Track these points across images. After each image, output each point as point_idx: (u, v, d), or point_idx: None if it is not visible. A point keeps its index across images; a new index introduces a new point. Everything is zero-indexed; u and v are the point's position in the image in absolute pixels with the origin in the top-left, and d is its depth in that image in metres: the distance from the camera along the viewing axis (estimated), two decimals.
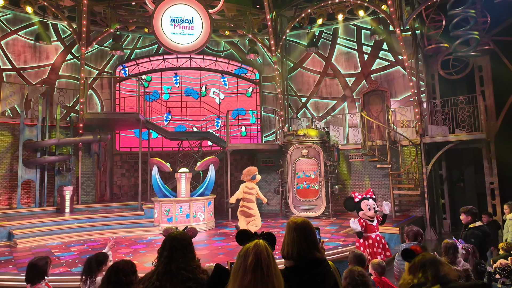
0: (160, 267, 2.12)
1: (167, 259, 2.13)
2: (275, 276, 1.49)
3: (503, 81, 10.37)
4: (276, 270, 1.52)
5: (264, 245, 1.56)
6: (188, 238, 2.26)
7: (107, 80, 13.79)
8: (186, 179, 9.74)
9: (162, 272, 2.09)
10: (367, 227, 5.33)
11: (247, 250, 1.53)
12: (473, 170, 11.12)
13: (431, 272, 2.04)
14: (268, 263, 1.49)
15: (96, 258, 3.35)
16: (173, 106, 14.64)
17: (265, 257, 1.50)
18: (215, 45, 14.86)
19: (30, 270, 3.31)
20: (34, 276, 3.29)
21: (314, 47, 13.30)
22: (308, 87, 14.25)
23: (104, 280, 2.47)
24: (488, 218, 6.96)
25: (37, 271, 3.30)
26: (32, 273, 3.30)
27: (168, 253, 2.15)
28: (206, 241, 8.11)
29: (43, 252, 7.15)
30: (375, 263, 3.68)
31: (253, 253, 1.50)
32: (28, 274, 3.31)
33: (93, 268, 3.27)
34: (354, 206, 5.53)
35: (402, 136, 10.82)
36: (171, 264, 2.10)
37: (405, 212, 10.72)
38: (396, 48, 12.19)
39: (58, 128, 11.46)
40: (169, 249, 2.16)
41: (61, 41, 12.97)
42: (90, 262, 3.30)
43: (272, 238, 1.70)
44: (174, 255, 2.13)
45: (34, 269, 3.30)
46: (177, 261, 2.11)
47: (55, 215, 10.07)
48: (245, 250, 1.54)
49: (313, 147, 11.02)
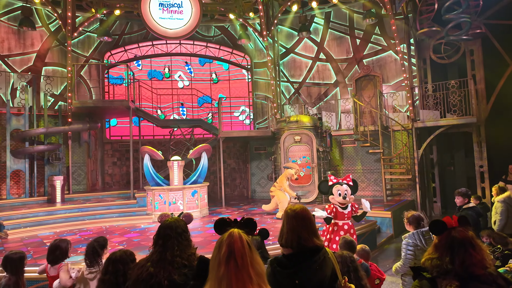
0: (155, 255, 2.10)
1: (161, 247, 2.11)
2: (251, 265, 1.46)
3: (494, 65, 10.41)
4: (253, 259, 1.49)
5: (239, 234, 1.52)
6: (183, 225, 2.23)
7: (95, 67, 13.48)
8: (178, 167, 9.67)
9: (157, 259, 2.07)
10: (337, 213, 5.09)
11: (221, 241, 1.52)
12: (464, 153, 11.28)
13: (459, 258, 1.70)
14: (242, 253, 1.46)
15: (97, 242, 3.40)
16: (164, 94, 14.42)
17: (239, 247, 1.47)
18: (205, 30, 14.58)
19: (53, 251, 3.52)
20: (56, 257, 3.51)
21: (306, 31, 13.13)
22: (301, 72, 14.14)
23: (102, 271, 2.46)
24: (476, 201, 7.09)
25: (60, 252, 3.52)
26: (55, 253, 3.51)
27: (163, 241, 2.12)
28: (200, 228, 8.13)
29: (35, 243, 7.08)
30: (359, 249, 3.66)
31: (225, 244, 1.48)
32: (51, 255, 3.52)
33: (97, 251, 3.33)
34: (328, 189, 5.30)
35: (394, 121, 10.86)
36: (165, 252, 2.08)
37: (396, 196, 10.87)
38: (388, 32, 12.10)
39: (46, 117, 11.22)
40: (163, 237, 2.14)
41: (46, 27, 12.56)
42: (93, 246, 3.35)
43: (252, 225, 1.68)
44: (168, 243, 2.11)
45: (57, 249, 3.52)
46: (172, 249, 2.09)
47: (46, 205, 9.96)
48: (220, 240, 1.53)
49: (305, 133, 11.01)
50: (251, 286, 1.44)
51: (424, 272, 1.78)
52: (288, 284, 1.86)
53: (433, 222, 1.85)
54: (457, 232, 1.78)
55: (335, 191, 5.16)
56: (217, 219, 1.72)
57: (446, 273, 1.70)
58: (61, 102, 12.29)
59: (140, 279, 2.01)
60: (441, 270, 1.72)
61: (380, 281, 3.42)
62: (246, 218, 1.70)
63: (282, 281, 1.87)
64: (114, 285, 2.37)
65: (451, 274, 1.70)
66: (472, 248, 1.72)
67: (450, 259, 1.71)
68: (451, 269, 1.70)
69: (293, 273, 1.88)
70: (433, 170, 11.44)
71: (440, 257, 1.76)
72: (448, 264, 1.71)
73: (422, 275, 1.78)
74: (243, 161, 14.25)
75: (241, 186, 14.42)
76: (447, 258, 1.72)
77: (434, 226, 1.84)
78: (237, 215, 9.52)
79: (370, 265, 3.54)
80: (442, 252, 1.76)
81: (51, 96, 12.21)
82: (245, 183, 14.13)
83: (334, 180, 5.32)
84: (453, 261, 1.70)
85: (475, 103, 9.91)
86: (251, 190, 13.35)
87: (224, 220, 1.69)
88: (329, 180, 5.34)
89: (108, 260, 2.50)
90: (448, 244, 1.76)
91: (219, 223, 1.68)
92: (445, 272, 1.71)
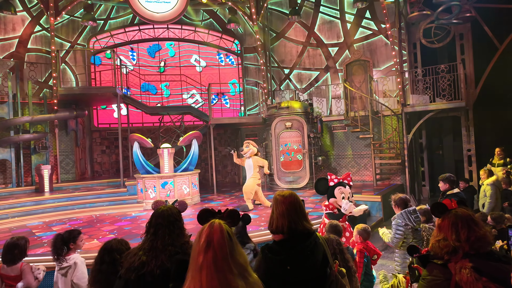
0: (147, 243, 2.08)
1: (153, 235, 2.09)
2: (231, 256, 1.45)
3: (483, 49, 10.45)
4: (234, 250, 1.48)
5: (219, 225, 1.51)
6: (176, 214, 2.20)
7: (81, 53, 13.11)
8: (168, 154, 9.58)
9: (148, 248, 2.05)
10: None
11: (201, 231, 1.52)
12: (452, 138, 11.43)
13: (463, 234, 1.76)
14: (222, 244, 1.45)
15: (61, 236, 3.27)
16: (152, 80, 14.16)
17: (218, 238, 1.46)
18: (193, 14, 14.23)
19: (10, 250, 3.22)
20: (16, 256, 3.23)
21: (297, 15, 12.93)
22: (291, 58, 14.00)
23: (97, 261, 2.43)
24: (464, 184, 7.23)
25: (19, 251, 3.25)
26: (13, 252, 3.22)
27: (154, 230, 2.10)
28: (191, 215, 8.11)
29: (24, 233, 6.98)
30: (360, 228, 3.87)
31: (205, 235, 1.48)
32: (9, 254, 3.22)
33: (58, 246, 3.20)
34: (327, 189, 4.78)
35: (384, 106, 10.89)
36: (157, 240, 2.06)
37: (386, 181, 11.00)
38: (379, 16, 12.00)
39: (31, 105, 10.93)
40: (154, 226, 2.11)
41: (27, 11, 12.09)
42: (55, 240, 3.23)
43: (235, 217, 1.67)
44: (159, 231, 2.08)
45: (16, 248, 3.24)
46: (163, 238, 2.07)
47: (34, 194, 9.80)
48: (200, 231, 1.53)
49: (296, 119, 10.98)
50: (231, 276, 1.43)
51: (435, 260, 1.80)
52: (280, 270, 1.85)
53: (435, 205, 1.91)
54: (458, 211, 1.85)
55: (338, 193, 4.69)
56: (200, 209, 1.70)
57: (456, 253, 1.74)
58: (46, 89, 11.96)
59: (132, 268, 1.99)
60: (450, 249, 1.76)
61: (377, 257, 3.77)
62: (230, 210, 1.68)
63: (274, 268, 1.86)
64: (111, 274, 2.35)
65: (460, 253, 1.73)
66: (474, 224, 1.78)
67: (456, 237, 1.76)
68: (459, 246, 1.74)
69: (284, 259, 1.87)
70: (422, 155, 11.59)
71: (446, 236, 1.80)
72: (455, 242, 1.75)
73: (433, 263, 1.79)
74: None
75: (232, 173, 14.41)
76: (453, 236, 1.77)
77: (436, 208, 1.90)
78: (229, 202, 9.54)
79: (367, 243, 3.80)
80: (446, 232, 1.81)
81: (35, 83, 11.87)
82: (236, 170, 14.12)
83: (336, 180, 4.81)
84: (459, 237, 1.76)
85: (464, 87, 9.98)
86: (242, 176, 13.34)
87: (208, 211, 1.67)
88: (330, 180, 4.82)
89: (104, 250, 2.46)
90: (452, 222, 1.81)
91: (202, 214, 1.66)
92: (454, 251, 1.75)
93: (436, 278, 1.77)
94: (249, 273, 1.50)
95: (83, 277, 3.20)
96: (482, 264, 1.68)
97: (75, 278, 3.17)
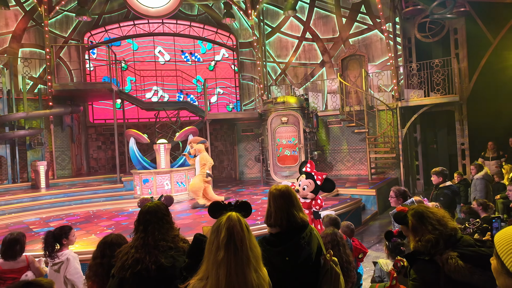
0: (138, 241, 2.10)
1: (143, 232, 2.11)
2: (250, 249, 1.47)
3: (477, 43, 10.54)
4: (252, 242, 1.50)
5: (237, 217, 1.52)
6: (164, 209, 2.22)
7: (75, 49, 13.01)
8: (165, 150, 9.60)
9: (140, 245, 2.07)
10: None
11: (219, 225, 1.50)
12: (446, 132, 11.55)
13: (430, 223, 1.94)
14: (242, 236, 1.46)
15: (53, 233, 3.30)
16: (148, 75, 14.11)
17: (238, 230, 1.47)
18: (188, 8, 14.16)
19: (13, 245, 3.27)
20: (17, 251, 3.29)
21: (292, 10, 12.91)
22: (287, 52, 14.01)
23: (97, 255, 2.45)
24: (460, 177, 7.34)
25: (21, 246, 3.32)
26: (15, 248, 3.27)
27: (144, 227, 2.12)
28: (188, 210, 8.17)
29: (21, 229, 6.99)
30: (343, 225, 3.82)
31: (225, 228, 1.47)
32: (9, 250, 3.27)
33: (50, 243, 3.23)
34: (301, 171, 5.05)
35: (379, 100, 10.96)
36: (148, 237, 2.08)
37: (381, 175, 11.12)
38: (374, 11, 12.02)
39: (26, 101, 10.86)
40: (144, 223, 2.13)
41: (20, 6, 11.95)
42: (47, 237, 3.26)
43: (247, 208, 1.67)
44: (149, 228, 2.10)
45: (18, 244, 3.29)
46: (153, 234, 2.09)
47: (31, 191, 9.80)
48: (218, 225, 1.50)
49: (292, 114, 11.03)
50: (248, 270, 1.44)
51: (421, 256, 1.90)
52: (278, 262, 1.90)
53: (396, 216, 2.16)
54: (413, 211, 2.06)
55: (299, 179, 4.97)
56: (211, 202, 1.69)
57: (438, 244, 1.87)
58: (41, 85, 11.88)
59: (126, 266, 2.00)
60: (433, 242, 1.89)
61: (363, 255, 3.59)
62: (241, 201, 1.68)
63: (272, 259, 1.91)
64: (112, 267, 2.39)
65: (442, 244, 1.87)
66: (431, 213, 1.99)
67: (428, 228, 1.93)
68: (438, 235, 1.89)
69: (282, 250, 1.93)
70: (417, 149, 11.71)
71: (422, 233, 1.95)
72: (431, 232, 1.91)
73: (420, 259, 1.90)
74: (230, 143, 14.23)
75: (228, 168, 14.47)
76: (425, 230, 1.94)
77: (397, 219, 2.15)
78: (226, 196, 9.60)
79: (353, 240, 3.69)
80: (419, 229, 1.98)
81: (29, 79, 11.78)
82: (232, 165, 14.18)
83: (309, 169, 4.97)
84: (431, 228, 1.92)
85: (458, 82, 10.07)
86: (238, 171, 13.42)
87: (219, 204, 1.66)
88: (305, 167, 5.01)
89: (104, 244, 2.49)
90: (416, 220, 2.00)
91: (214, 207, 1.65)
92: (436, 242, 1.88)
93: (424, 275, 1.86)
94: (260, 266, 1.52)
95: (76, 272, 3.21)
96: (465, 252, 1.80)
97: (68, 273, 3.18)
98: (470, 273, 1.70)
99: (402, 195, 4.01)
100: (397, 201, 4.02)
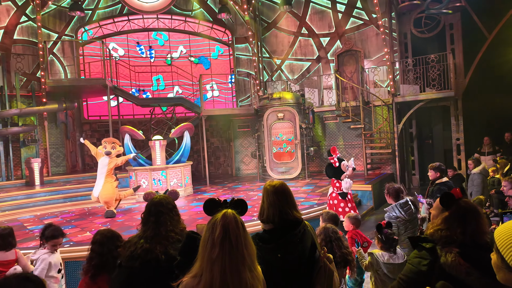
0: (149, 231, 2.11)
1: (154, 223, 2.13)
2: (245, 246, 1.45)
3: (472, 39, 10.54)
4: (247, 240, 1.49)
5: (233, 215, 1.50)
6: (172, 201, 2.29)
7: (69, 45, 12.86)
8: (160, 146, 9.54)
9: (151, 235, 2.08)
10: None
11: (214, 222, 1.48)
12: (441, 127, 11.58)
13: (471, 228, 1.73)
14: (237, 234, 1.45)
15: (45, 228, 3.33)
16: (143, 71, 13.99)
17: (234, 228, 1.45)
18: (183, 4, 14.03)
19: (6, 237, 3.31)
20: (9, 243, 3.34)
21: (288, 5, 12.84)
22: (283, 48, 13.94)
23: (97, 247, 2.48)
24: (453, 172, 7.38)
25: (12, 238, 3.36)
26: (7, 240, 3.32)
27: (155, 218, 2.14)
28: (184, 206, 8.14)
29: (15, 226, 6.92)
30: (352, 216, 3.98)
31: (220, 225, 1.44)
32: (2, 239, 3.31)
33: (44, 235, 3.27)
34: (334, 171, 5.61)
35: (375, 96, 10.96)
36: (159, 228, 2.11)
37: (376, 170, 11.14)
38: (370, 6, 11.98)
39: (19, 97, 10.74)
40: (155, 214, 2.15)
41: (12, 1, 11.75)
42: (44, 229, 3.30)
43: (243, 206, 1.65)
44: (161, 219, 2.13)
45: (10, 236, 3.34)
46: (165, 224, 2.13)
47: (25, 188, 9.71)
48: (213, 222, 1.49)
49: (288, 110, 11.00)
50: (243, 267, 1.43)
51: (423, 243, 1.81)
52: (271, 258, 1.89)
53: (444, 196, 1.87)
54: (465, 204, 1.82)
55: (344, 167, 5.50)
56: (207, 199, 1.66)
57: (452, 243, 1.73)
58: (34, 81, 11.74)
59: (135, 256, 2.02)
60: (449, 240, 1.75)
61: (368, 244, 3.83)
62: (237, 199, 1.67)
63: (265, 256, 1.90)
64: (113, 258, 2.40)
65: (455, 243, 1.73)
66: (480, 217, 1.77)
67: (462, 230, 1.73)
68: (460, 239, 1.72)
69: (275, 247, 1.92)
70: (412, 144, 11.74)
71: (450, 228, 1.78)
72: (459, 235, 1.73)
73: (421, 246, 1.82)
74: (226, 140, 14.19)
75: (225, 164, 14.43)
76: (458, 229, 1.74)
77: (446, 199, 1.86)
78: (222, 193, 9.58)
79: (358, 231, 3.91)
80: (453, 224, 1.78)
81: (22, 75, 11.63)
82: (229, 161, 14.14)
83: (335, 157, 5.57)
84: (465, 231, 1.73)
85: (453, 77, 10.09)
86: (235, 168, 13.39)
87: (215, 201, 1.65)
88: (333, 163, 5.56)
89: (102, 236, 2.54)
90: (461, 215, 1.78)
91: (209, 204, 1.64)
92: (452, 241, 1.73)
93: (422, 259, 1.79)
94: (255, 265, 1.51)
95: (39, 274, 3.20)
96: (469, 252, 1.70)
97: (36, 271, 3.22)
98: (466, 272, 1.64)
99: (394, 194, 3.93)
100: (389, 198, 4.00)
